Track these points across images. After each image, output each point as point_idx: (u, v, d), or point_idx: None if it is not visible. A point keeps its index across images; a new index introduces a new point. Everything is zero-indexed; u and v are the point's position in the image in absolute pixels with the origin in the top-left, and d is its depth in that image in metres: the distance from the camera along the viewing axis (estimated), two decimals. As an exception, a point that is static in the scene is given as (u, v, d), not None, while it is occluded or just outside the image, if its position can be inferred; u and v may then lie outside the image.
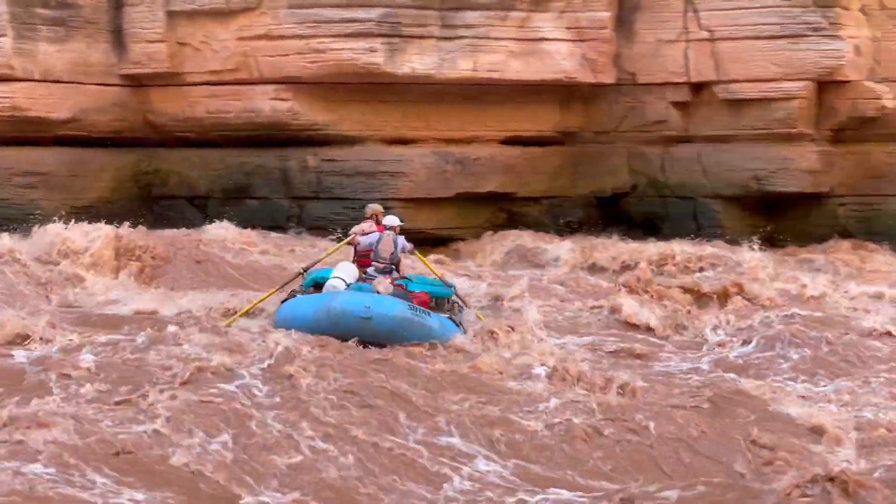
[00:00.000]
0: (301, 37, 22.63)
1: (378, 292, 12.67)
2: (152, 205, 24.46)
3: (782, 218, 23.45)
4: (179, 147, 24.29)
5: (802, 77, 22.36)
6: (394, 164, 23.16)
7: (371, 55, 22.30)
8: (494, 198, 23.95)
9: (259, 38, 22.93)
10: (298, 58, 22.70)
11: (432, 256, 19.91)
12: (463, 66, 22.68)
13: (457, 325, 13.20)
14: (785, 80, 22.44)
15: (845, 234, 23.04)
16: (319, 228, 22.95)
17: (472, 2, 22.61)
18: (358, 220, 22.11)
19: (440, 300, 13.64)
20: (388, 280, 13.04)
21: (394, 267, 13.57)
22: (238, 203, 23.88)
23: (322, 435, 8.69)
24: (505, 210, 24.22)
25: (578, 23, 22.91)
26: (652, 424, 9.25)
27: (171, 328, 11.38)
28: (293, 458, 8.31)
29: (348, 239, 14.34)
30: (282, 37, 22.77)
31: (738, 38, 22.69)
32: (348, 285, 12.91)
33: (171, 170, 24.49)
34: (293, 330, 12.01)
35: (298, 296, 13.32)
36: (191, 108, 23.71)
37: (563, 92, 23.67)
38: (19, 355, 10.81)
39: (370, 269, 13.41)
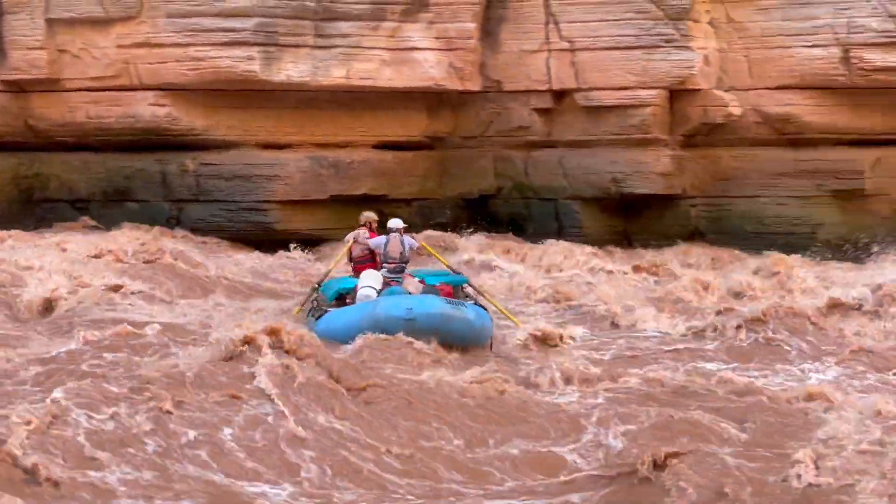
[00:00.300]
0: (180, 45, 23.28)
1: (410, 293, 13.26)
2: (34, 208, 24.97)
3: (639, 218, 24.60)
4: (60, 151, 24.80)
5: (656, 86, 23.40)
6: (270, 168, 23.95)
7: (248, 63, 23.01)
8: (367, 200, 24.81)
9: (138, 45, 23.55)
10: (177, 65, 23.33)
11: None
12: (336, 74, 23.51)
13: (485, 310, 13.78)
14: (640, 89, 23.46)
15: (697, 234, 24.28)
16: (199, 230, 23.80)
17: (345, 12, 23.46)
18: (246, 223, 23.38)
19: (455, 289, 14.27)
20: (416, 280, 13.70)
21: (405, 266, 14.18)
22: (119, 206, 24.53)
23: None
24: (377, 211, 25.07)
25: (446, 33, 23.92)
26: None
27: None
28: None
29: (347, 246, 15.01)
30: (161, 45, 23.40)
31: (596, 48, 23.68)
32: (378, 292, 13.44)
33: (52, 174, 25.00)
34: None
35: (332, 309, 13.70)
36: (71, 113, 24.24)
37: (433, 99, 24.68)
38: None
39: (383, 271, 13.96)
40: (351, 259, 15.27)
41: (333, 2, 23.38)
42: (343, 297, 14.13)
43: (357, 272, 14.60)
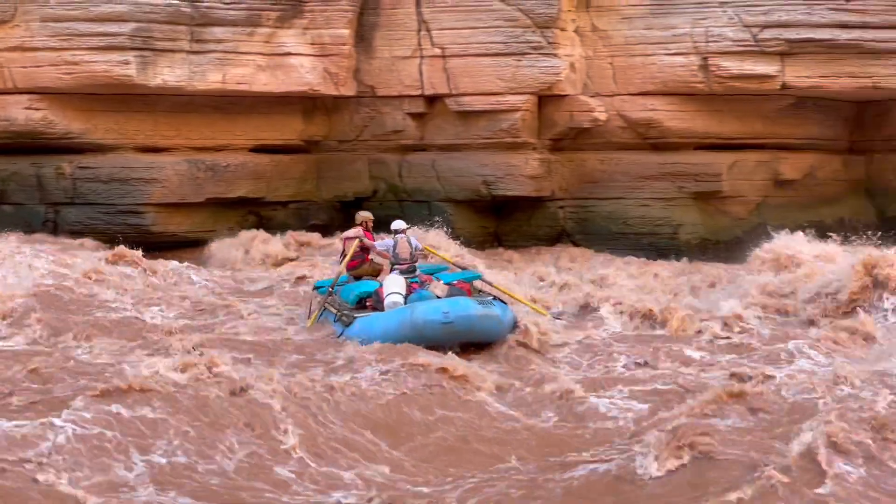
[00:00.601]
0: (55, 49, 23.33)
1: (438, 296, 13.50)
2: None
3: (509, 220, 25.39)
4: (-65, 154, 24.73)
5: (525, 91, 24.15)
6: (147, 171, 24.18)
7: (124, 67, 23.16)
8: (244, 202, 25.27)
9: (12, 49, 23.54)
10: (52, 69, 23.39)
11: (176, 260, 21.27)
12: (212, 79, 23.82)
13: (504, 303, 14.11)
14: (510, 94, 24.17)
15: (565, 235, 25.15)
16: (76, 233, 23.95)
17: (220, 18, 23.78)
18: (123, 226, 23.51)
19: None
20: (441, 282, 13.96)
21: (416, 266, 14.46)
22: (-7, 208, 24.57)
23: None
24: (255, 213, 25.57)
25: (321, 39, 24.39)
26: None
27: None
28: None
29: (354, 245, 15.30)
30: (35, 49, 23.42)
31: (467, 55, 24.37)
32: (406, 297, 13.61)
33: (-74, 176, 24.92)
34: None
35: (361, 315, 13.82)
36: (-54, 116, 24.18)
37: (308, 103, 25.22)
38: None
39: (393, 273, 14.19)
40: (343, 255, 15.61)
41: (209, 8, 23.67)
42: (363, 301, 14.34)
43: (351, 268, 15.10)
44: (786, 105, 24.98)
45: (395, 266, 14.39)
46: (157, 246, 23.22)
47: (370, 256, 15.86)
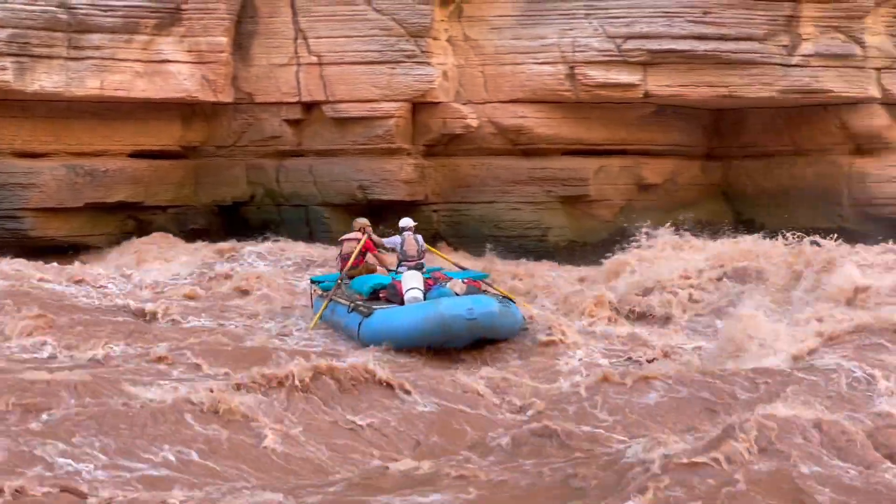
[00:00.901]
0: (-71, 54, 23.39)
1: (457, 293, 13.84)
2: None
3: (385, 223, 25.86)
4: None
5: (399, 98, 24.88)
6: (24, 176, 24.28)
7: (1, 73, 23.31)
8: (123, 207, 25.52)
9: None
10: (-73, 75, 23.44)
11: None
12: (91, 85, 24.02)
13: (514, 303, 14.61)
14: (385, 101, 24.90)
15: (439, 237, 25.85)
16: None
17: (97, 25, 23.97)
18: (1, 231, 23.51)
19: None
20: (459, 280, 14.31)
21: (423, 263, 14.85)
22: None
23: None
24: (133, 218, 25.85)
25: (198, 46, 24.79)
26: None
27: None
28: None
29: (362, 242, 15.85)
30: (-89, 55, 23.45)
31: (343, 63, 25.02)
32: (425, 293, 13.97)
33: None
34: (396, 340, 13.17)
35: (380, 308, 14.07)
36: None
37: (186, 109, 25.58)
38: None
39: (401, 269, 14.59)
40: (341, 257, 16.09)
41: (86, 15, 23.88)
42: (377, 293, 14.68)
43: (342, 267, 15.60)
44: (648, 113, 26.15)
45: (403, 263, 14.85)
46: (35, 251, 23.33)
47: (365, 258, 16.49)
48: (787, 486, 7.40)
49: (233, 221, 26.09)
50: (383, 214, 25.76)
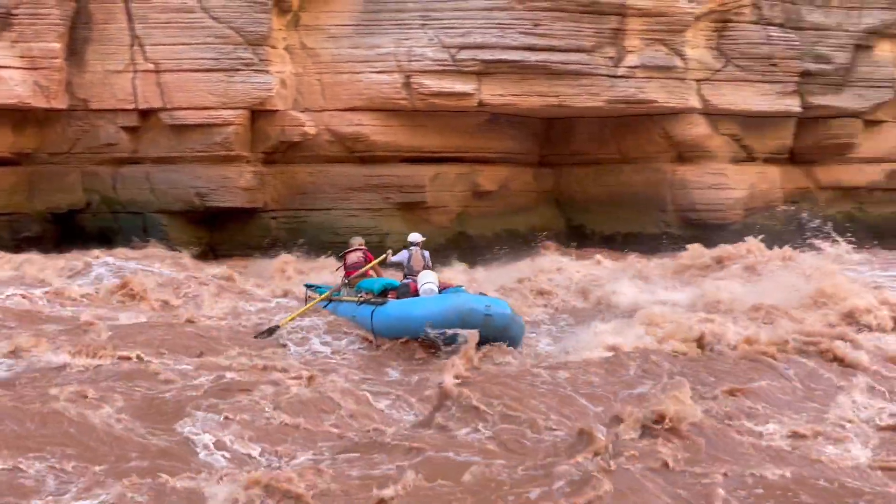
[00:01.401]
0: None
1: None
2: None
3: (223, 230, 26.02)
4: None
5: (238, 106, 24.94)
6: None
7: None
8: (-47, 214, 24.96)
9: None
10: None
11: None
12: (-83, 91, 23.52)
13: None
14: (223, 109, 24.91)
15: (278, 244, 25.96)
16: None
17: (-75, 29, 23.57)
18: None
19: None
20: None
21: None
22: None
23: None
24: (-31, 224, 25.28)
25: (31, 52, 24.36)
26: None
27: None
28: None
29: (383, 258, 16.22)
30: None
31: (180, 70, 24.96)
32: (441, 291, 14.09)
33: None
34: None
35: (393, 300, 14.30)
36: None
37: (18, 115, 25.04)
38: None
39: (408, 280, 14.78)
40: (346, 267, 16.38)
41: (-85, 19, 23.40)
42: (386, 292, 14.78)
43: (349, 276, 15.90)
44: (482, 121, 26.92)
45: (410, 276, 15.06)
46: None
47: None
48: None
49: (68, 229, 25.70)
50: (222, 221, 25.94)
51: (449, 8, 25.53)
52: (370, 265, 16.50)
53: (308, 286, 17.74)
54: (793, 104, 28.84)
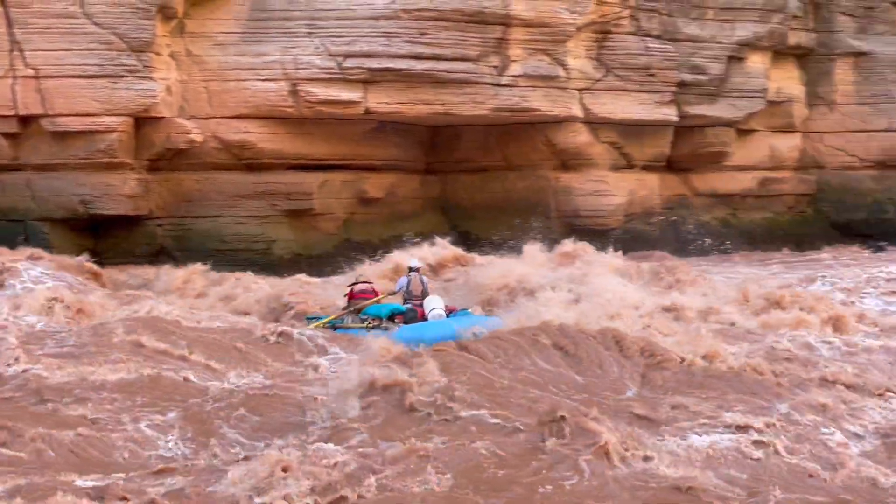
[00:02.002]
0: None
1: None
2: None
3: (107, 238, 25.65)
4: None
5: (122, 113, 24.59)
6: None
7: None
8: None
9: None
10: None
11: None
12: None
13: None
14: (106, 116, 24.52)
15: (164, 252, 25.80)
16: None
17: None
18: None
19: None
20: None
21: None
22: None
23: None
24: None
25: None
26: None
27: None
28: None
29: (380, 297, 16.01)
30: None
31: (62, 76, 24.45)
32: (449, 314, 14.80)
33: None
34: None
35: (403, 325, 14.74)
36: None
37: None
38: None
39: (408, 306, 15.26)
40: (352, 295, 16.33)
41: None
42: (393, 318, 15.19)
43: (351, 299, 16.09)
44: (369, 129, 27.11)
45: (409, 301, 15.45)
46: None
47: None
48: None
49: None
50: (106, 228, 25.60)
51: (335, 16, 25.66)
52: (378, 297, 16.62)
53: (309, 319, 17.40)
54: (670, 113, 29.68)
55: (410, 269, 16.28)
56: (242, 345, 13.85)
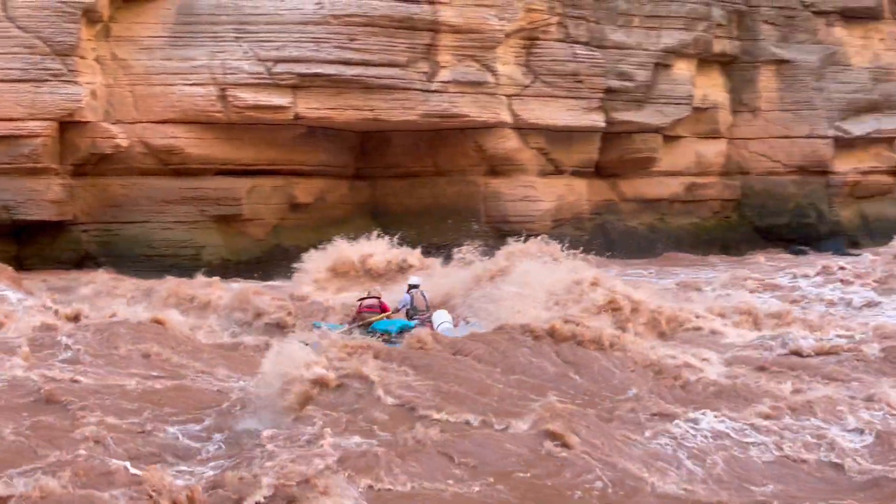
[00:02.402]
0: None
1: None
2: None
3: (31, 243, 25.22)
4: None
5: (45, 117, 24.28)
6: None
7: None
8: None
9: None
10: None
11: None
12: None
13: None
14: (29, 120, 24.19)
15: (89, 258, 25.39)
16: None
17: None
18: None
19: None
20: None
21: (430, 316, 15.30)
22: None
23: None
24: None
25: None
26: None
27: None
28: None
29: (387, 314, 15.46)
30: None
31: (-16, 80, 24.15)
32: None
33: None
34: None
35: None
36: None
37: None
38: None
39: (414, 320, 15.24)
40: (360, 309, 15.90)
41: None
42: (402, 333, 14.77)
43: (359, 313, 15.68)
44: (299, 134, 27.00)
45: (415, 317, 15.44)
46: None
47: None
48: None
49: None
50: (29, 234, 25.19)
51: (264, 21, 25.57)
52: (388, 313, 16.49)
53: (316, 325, 17.25)
54: (597, 119, 29.93)
55: (411, 287, 16.25)
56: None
